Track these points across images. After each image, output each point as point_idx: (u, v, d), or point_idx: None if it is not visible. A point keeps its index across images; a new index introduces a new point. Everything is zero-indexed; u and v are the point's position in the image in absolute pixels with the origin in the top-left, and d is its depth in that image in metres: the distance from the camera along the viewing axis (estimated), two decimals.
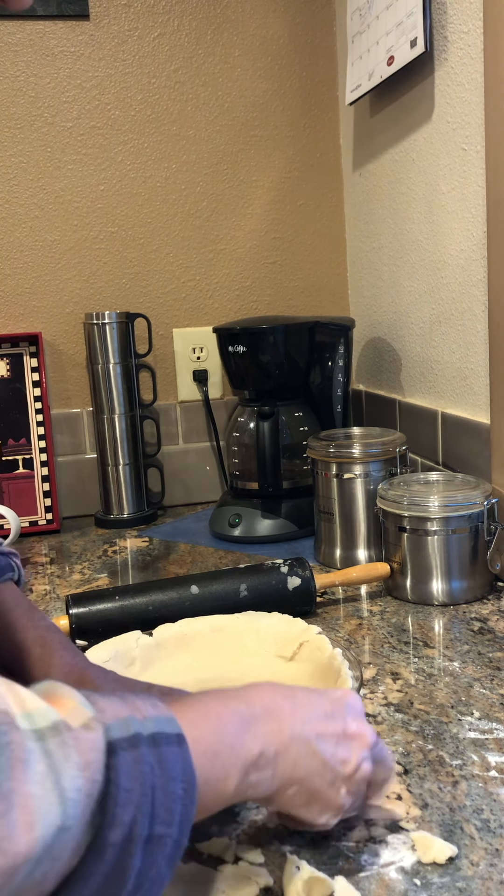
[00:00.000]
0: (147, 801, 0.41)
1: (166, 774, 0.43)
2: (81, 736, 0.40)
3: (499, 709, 0.74)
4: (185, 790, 0.43)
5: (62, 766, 0.38)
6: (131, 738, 0.42)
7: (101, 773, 0.40)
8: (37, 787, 0.37)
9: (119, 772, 0.41)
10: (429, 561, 1.00)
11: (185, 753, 0.44)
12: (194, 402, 1.61)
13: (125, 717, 0.43)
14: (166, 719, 0.45)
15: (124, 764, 0.41)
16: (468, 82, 1.08)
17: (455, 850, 0.55)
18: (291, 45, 1.56)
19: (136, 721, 0.44)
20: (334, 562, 1.18)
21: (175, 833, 0.43)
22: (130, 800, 0.41)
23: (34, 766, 0.37)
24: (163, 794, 0.42)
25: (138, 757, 0.42)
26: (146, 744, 0.43)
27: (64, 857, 0.38)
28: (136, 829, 0.41)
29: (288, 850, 0.57)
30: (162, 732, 0.44)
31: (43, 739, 0.39)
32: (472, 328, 1.14)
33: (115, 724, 0.42)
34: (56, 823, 0.37)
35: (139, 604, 0.95)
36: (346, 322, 1.43)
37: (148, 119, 1.53)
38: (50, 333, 1.54)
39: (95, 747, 0.40)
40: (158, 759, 0.43)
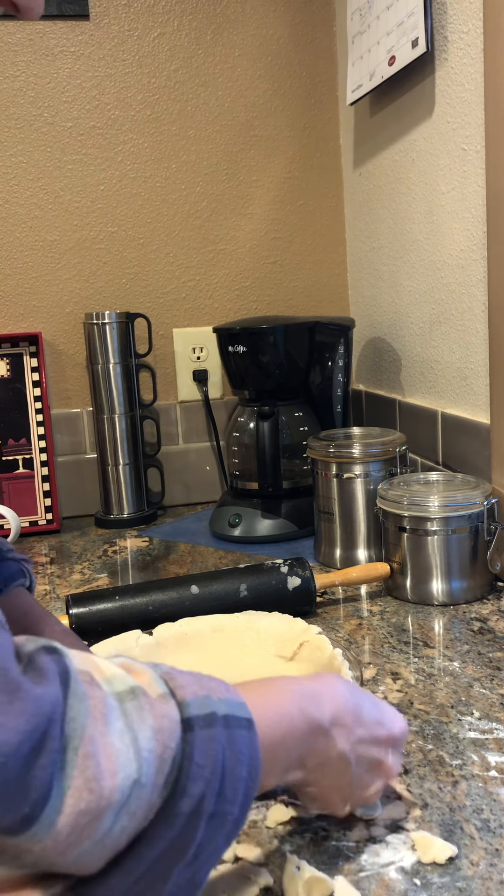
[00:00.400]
0: (216, 779, 0.43)
1: (235, 756, 0.45)
2: (157, 703, 0.43)
3: (499, 709, 0.74)
4: (250, 773, 0.45)
5: (139, 726, 0.41)
6: (207, 716, 0.44)
7: (174, 741, 0.42)
8: (117, 739, 0.40)
9: (194, 747, 0.43)
10: (429, 561, 1.00)
11: (254, 738, 0.46)
12: (194, 402, 1.61)
13: (203, 696, 0.45)
14: (239, 703, 0.47)
15: (199, 740, 0.43)
16: (468, 82, 1.08)
17: (455, 850, 0.55)
18: (291, 45, 1.56)
19: (213, 700, 0.46)
20: (334, 562, 1.18)
21: (236, 812, 0.45)
22: (202, 775, 0.43)
23: (114, 722, 0.40)
24: (231, 774, 0.44)
25: (213, 735, 0.44)
26: (220, 724, 0.45)
27: (139, 814, 0.40)
28: (204, 803, 0.43)
29: (288, 849, 0.57)
30: (234, 715, 0.46)
31: (121, 701, 0.42)
32: (472, 328, 1.14)
33: (193, 700, 0.45)
34: (133, 777, 0.40)
35: (139, 604, 0.95)
36: (346, 322, 1.43)
37: (148, 119, 1.53)
38: (50, 333, 1.54)
39: (168, 716, 0.43)
40: (230, 739, 0.45)
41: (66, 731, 0.38)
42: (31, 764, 0.37)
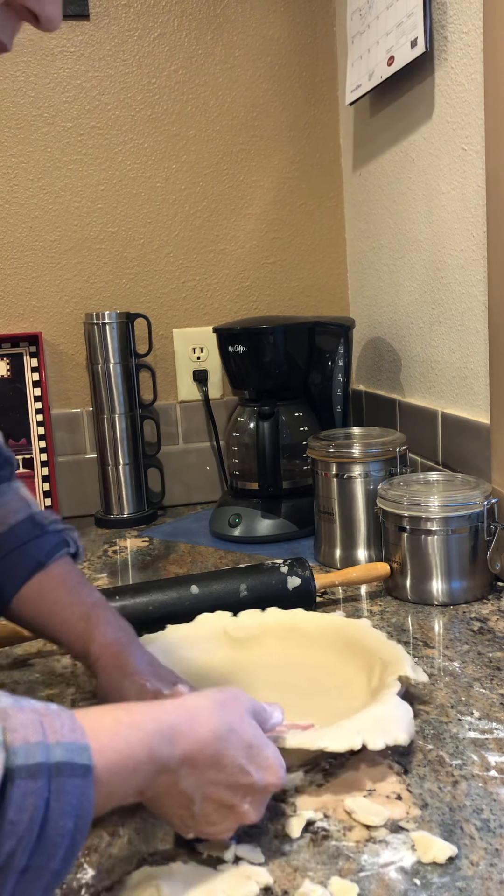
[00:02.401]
0: (32, 836, 0.41)
1: (61, 808, 0.43)
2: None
3: (499, 709, 0.74)
4: (77, 825, 0.43)
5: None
6: (33, 766, 0.42)
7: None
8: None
9: (10, 802, 0.41)
10: (429, 561, 1.00)
11: (87, 788, 0.44)
12: (194, 402, 1.61)
13: (34, 743, 0.43)
14: (80, 748, 0.45)
15: (17, 795, 0.41)
16: (468, 82, 1.08)
17: (455, 849, 0.55)
18: (291, 45, 1.56)
19: (46, 746, 0.43)
20: (334, 562, 1.18)
21: (56, 865, 0.43)
22: (14, 832, 0.41)
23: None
24: (52, 827, 0.42)
25: (35, 789, 0.42)
26: (48, 774, 0.43)
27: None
28: (14, 860, 0.41)
29: (287, 849, 0.57)
30: (70, 762, 0.44)
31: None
32: (472, 328, 1.14)
33: (21, 748, 0.42)
34: None
35: (139, 604, 0.95)
36: (346, 322, 1.43)
37: (148, 119, 1.53)
38: (50, 333, 1.54)
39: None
40: (57, 791, 0.43)
41: None
42: None
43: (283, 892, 0.53)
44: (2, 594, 0.75)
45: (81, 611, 0.73)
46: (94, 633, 0.72)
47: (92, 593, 0.76)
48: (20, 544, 0.75)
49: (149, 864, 0.56)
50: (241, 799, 0.54)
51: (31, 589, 0.75)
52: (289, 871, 0.55)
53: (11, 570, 0.74)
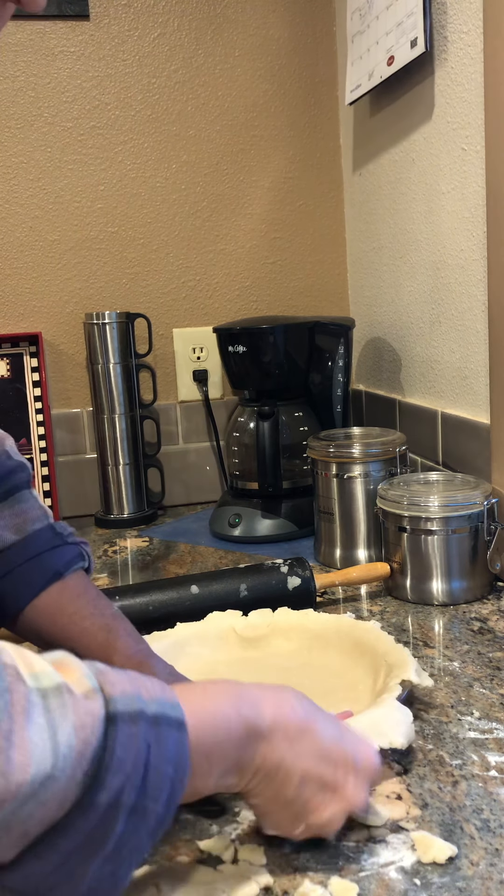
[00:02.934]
0: (138, 774, 0.44)
1: (161, 754, 0.45)
2: (81, 701, 0.43)
3: (499, 709, 0.74)
4: (176, 773, 0.45)
5: (60, 723, 0.41)
6: (133, 713, 0.45)
7: (95, 737, 0.43)
8: (35, 735, 0.40)
9: (116, 741, 0.43)
10: (429, 561, 1.00)
11: (183, 739, 0.46)
12: (194, 402, 1.61)
13: (131, 693, 0.45)
14: (171, 704, 0.47)
15: (122, 735, 0.43)
16: (468, 82, 1.08)
17: (455, 849, 0.55)
18: (291, 45, 1.56)
19: (142, 699, 0.46)
20: (334, 562, 1.18)
21: (160, 809, 0.45)
22: (122, 769, 0.43)
23: (35, 718, 0.41)
24: (154, 771, 0.44)
25: (136, 732, 0.44)
26: (147, 722, 0.45)
27: (50, 804, 0.41)
28: (123, 796, 0.43)
29: (287, 849, 0.57)
30: (165, 715, 0.46)
31: (45, 697, 0.42)
32: (472, 328, 1.14)
33: (120, 697, 0.45)
34: (46, 772, 0.40)
35: (139, 604, 0.95)
36: (346, 322, 1.43)
37: (148, 119, 1.53)
38: (50, 333, 1.54)
39: (92, 713, 0.43)
40: (157, 738, 0.45)
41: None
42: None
43: (283, 892, 0.53)
44: (15, 602, 0.74)
45: (102, 622, 0.73)
46: (116, 644, 0.72)
47: (110, 605, 0.76)
48: (38, 553, 0.75)
49: (149, 863, 0.56)
50: (343, 776, 0.54)
51: (48, 598, 0.74)
52: (289, 871, 0.55)
53: (28, 579, 0.74)
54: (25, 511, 0.76)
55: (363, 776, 0.55)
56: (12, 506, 0.76)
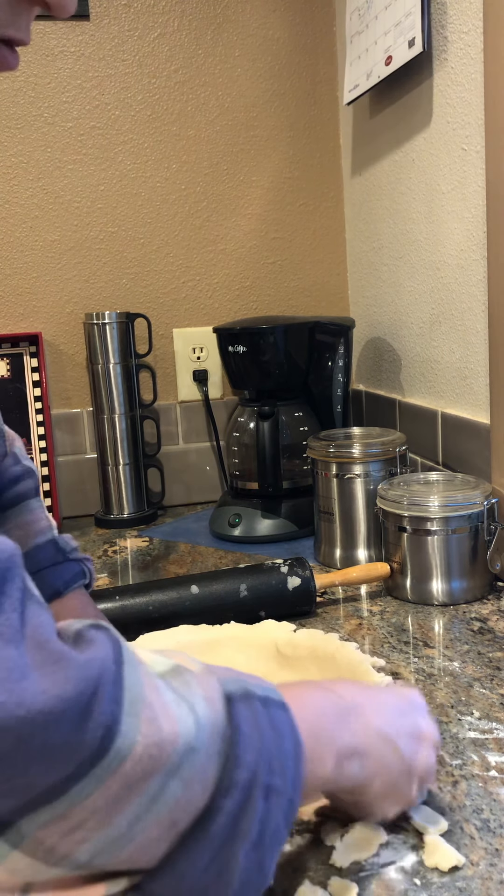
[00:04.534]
0: (265, 752, 0.43)
1: (278, 732, 0.44)
2: (202, 676, 0.44)
3: (499, 709, 0.74)
4: (295, 750, 0.45)
5: (191, 696, 0.42)
6: (245, 693, 0.45)
7: (223, 712, 0.42)
8: (173, 706, 0.40)
9: (239, 717, 0.43)
10: (429, 561, 1.00)
11: (292, 720, 0.46)
12: (194, 402, 1.61)
13: (235, 677, 0.46)
14: (271, 688, 0.47)
15: (243, 712, 0.43)
16: (468, 82, 1.08)
17: (462, 859, 0.54)
18: (291, 45, 1.56)
19: (247, 682, 0.46)
20: (334, 562, 1.18)
21: (290, 790, 0.44)
22: (252, 745, 0.42)
23: (166, 693, 0.41)
24: (276, 749, 0.44)
25: (254, 709, 0.44)
26: (258, 701, 0.45)
27: (193, 785, 0.40)
28: (259, 774, 0.42)
29: (287, 849, 0.57)
30: (270, 697, 0.46)
31: (165, 679, 0.42)
32: (472, 328, 1.14)
33: (228, 679, 0.45)
34: (189, 743, 0.40)
35: (139, 604, 0.95)
36: (346, 322, 1.43)
37: (148, 119, 1.53)
38: (50, 333, 1.54)
39: (214, 687, 0.43)
40: (269, 717, 0.45)
41: (125, 697, 0.39)
42: (76, 730, 0.37)
43: (282, 892, 0.53)
44: None
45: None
46: None
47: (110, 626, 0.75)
48: (38, 570, 0.73)
49: None
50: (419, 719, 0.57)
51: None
52: (289, 872, 0.55)
53: None
54: (30, 523, 0.75)
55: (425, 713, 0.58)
56: (17, 516, 0.75)
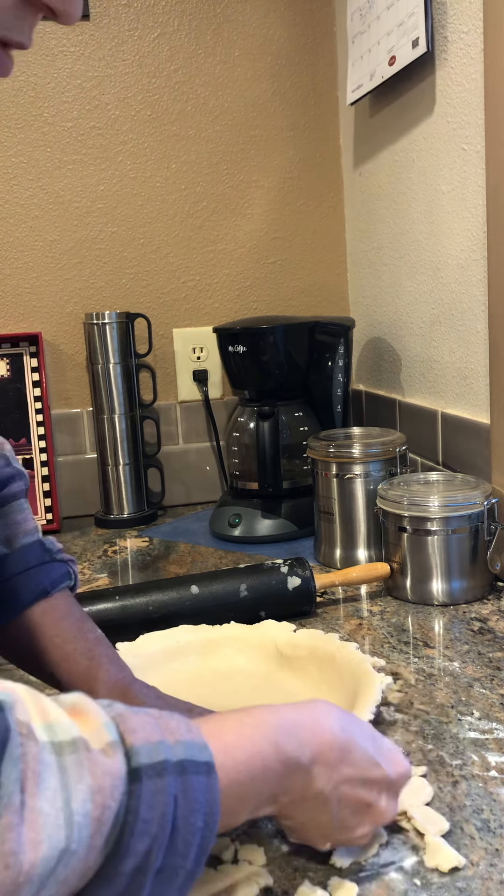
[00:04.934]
0: (165, 834, 0.41)
1: (189, 805, 0.42)
2: (99, 759, 0.39)
3: (499, 709, 0.74)
4: (206, 823, 0.42)
5: (74, 785, 0.38)
6: (158, 764, 0.41)
7: (115, 799, 0.39)
8: (47, 803, 0.37)
9: (140, 800, 0.40)
10: (429, 561, 1.00)
11: (213, 784, 0.43)
12: (194, 402, 1.61)
13: (156, 742, 0.42)
14: (199, 746, 0.44)
15: (146, 793, 0.40)
16: (468, 82, 1.08)
17: (462, 860, 0.54)
18: (291, 45, 1.56)
19: (167, 746, 0.43)
20: (334, 562, 1.18)
21: (190, 865, 0.42)
22: (147, 831, 0.40)
23: (47, 780, 0.37)
24: (183, 825, 0.41)
25: (162, 787, 0.41)
26: (173, 772, 0.42)
27: (70, 880, 0.38)
28: (150, 859, 0.40)
29: (287, 849, 0.57)
30: (192, 760, 0.43)
31: (60, 754, 0.38)
32: (472, 328, 1.14)
33: (143, 747, 0.42)
34: (61, 846, 0.37)
35: (139, 604, 0.95)
36: (346, 322, 1.43)
37: (148, 119, 1.53)
38: (50, 333, 1.54)
39: (111, 773, 0.40)
40: (184, 788, 0.42)
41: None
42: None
43: (283, 892, 0.53)
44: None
45: (84, 647, 0.71)
46: (98, 672, 0.69)
47: (94, 629, 0.74)
48: (27, 568, 0.73)
49: None
50: (377, 795, 0.53)
51: (32, 617, 0.71)
52: (289, 872, 0.55)
53: (14, 594, 0.71)
54: (18, 523, 0.74)
55: (395, 790, 0.55)
56: (6, 516, 0.74)
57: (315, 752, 0.50)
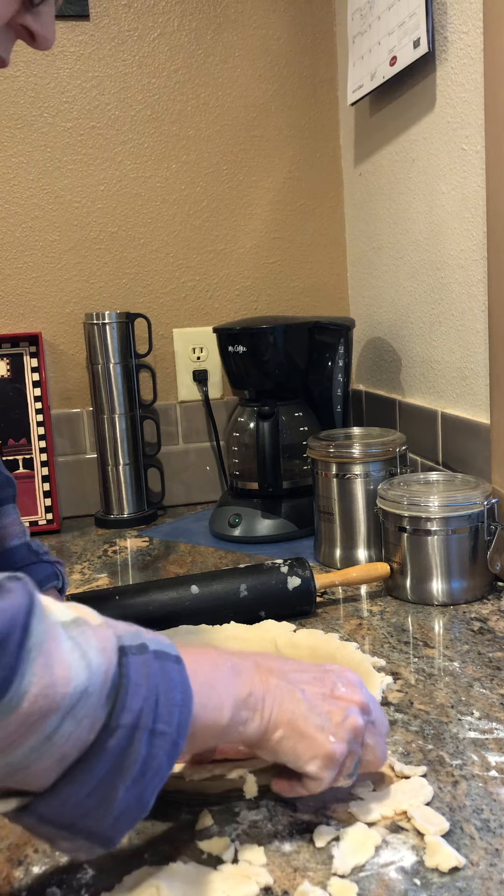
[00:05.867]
0: (151, 699, 0.47)
1: (167, 682, 0.49)
2: (98, 629, 0.48)
3: (499, 709, 0.74)
4: (183, 699, 0.49)
5: (86, 646, 0.46)
6: (139, 646, 0.49)
7: (115, 663, 0.47)
8: (68, 654, 0.45)
9: (129, 667, 0.47)
10: (429, 561, 1.00)
11: (183, 672, 0.50)
12: (194, 402, 1.61)
13: (134, 632, 0.50)
14: (168, 644, 0.52)
15: (134, 663, 0.48)
16: (468, 82, 1.08)
17: (462, 860, 0.54)
18: (292, 45, 1.56)
19: (144, 637, 0.51)
20: (334, 562, 1.18)
21: (174, 733, 0.48)
22: (138, 692, 0.47)
23: (65, 643, 0.45)
24: (164, 697, 0.48)
25: (146, 661, 0.49)
26: (151, 653, 0.49)
27: (84, 722, 0.44)
28: (143, 718, 0.47)
29: (287, 849, 0.57)
30: (164, 651, 0.51)
31: (67, 628, 0.46)
32: (472, 328, 1.14)
33: (125, 634, 0.50)
34: (82, 687, 0.44)
35: (139, 604, 0.95)
36: (346, 322, 1.43)
37: (148, 119, 1.53)
38: (50, 333, 1.54)
39: (109, 639, 0.48)
40: (161, 668, 0.49)
41: (28, 644, 0.43)
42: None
43: (283, 892, 0.53)
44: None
45: None
46: None
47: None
48: (15, 569, 0.76)
49: (149, 864, 0.56)
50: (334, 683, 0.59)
51: None
52: (289, 871, 0.55)
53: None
54: (6, 526, 0.78)
55: (349, 684, 0.60)
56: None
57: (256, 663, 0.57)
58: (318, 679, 0.59)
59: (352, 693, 0.59)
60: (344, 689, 0.59)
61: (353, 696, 0.58)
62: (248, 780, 0.59)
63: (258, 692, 0.54)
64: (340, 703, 0.58)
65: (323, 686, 0.58)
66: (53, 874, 0.56)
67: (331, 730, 0.56)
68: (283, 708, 0.55)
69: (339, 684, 0.59)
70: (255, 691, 0.54)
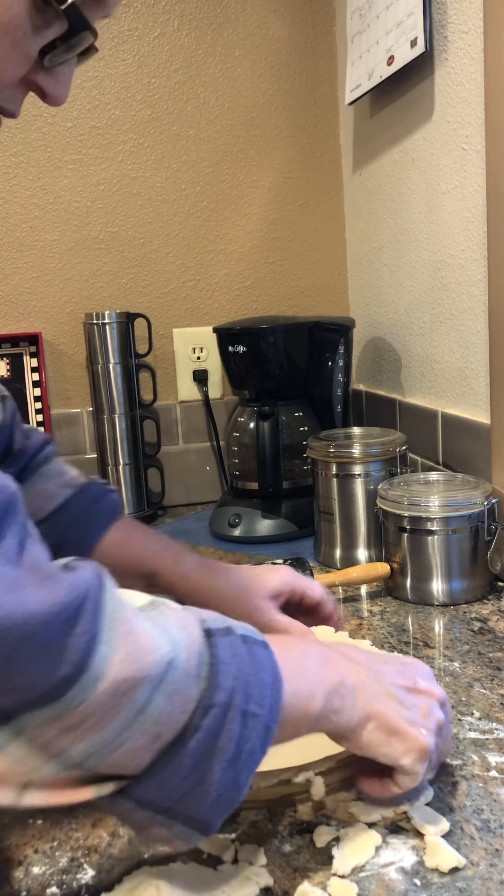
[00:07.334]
0: (242, 680, 0.47)
1: (256, 664, 0.48)
2: (177, 611, 0.48)
3: (499, 709, 0.74)
4: (273, 682, 0.48)
5: (164, 623, 0.46)
6: (225, 629, 0.49)
7: (196, 640, 0.46)
8: (149, 629, 0.45)
9: (217, 648, 0.47)
10: (429, 561, 1.00)
11: (272, 656, 0.50)
12: (194, 402, 1.61)
13: (218, 617, 0.50)
14: (254, 630, 0.51)
15: (221, 643, 0.47)
16: (468, 82, 1.08)
17: (463, 861, 0.54)
18: (291, 44, 1.56)
19: (230, 622, 0.50)
20: (334, 562, 1.18)
21: (266, 714, 0.47)
22: (228, 671, 0.46)
23: (143, 622, 0.45)
24: (255, 679, 0.47)
25: (233, 642, 0.48)
26: (238, 637, 0.49)
27: (175, 698, 0.44)
28: (236, 698, 0.46)
29: (287, 849, 0.57)
30: (251, 636, 0.50)
31: (142, 611, 0.46)
32: (472, 328, 1.14)
33: (210, 619, 0.49)
34: (168, 657, 0.44)
35: None
36: (346, 322, 1.43)
37: (148, 119, 1.53)
38: (50, 333, 1.54)
39: (189, 619, 0.47)
40: (249, 651, 0.48)
41: (106, 612, 0.43)
42: (66, 632, 0.41)
43: (283, 892, 0.53)
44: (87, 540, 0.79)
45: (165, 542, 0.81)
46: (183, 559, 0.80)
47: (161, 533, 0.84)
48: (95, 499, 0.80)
49: (149, 864, 0.56)
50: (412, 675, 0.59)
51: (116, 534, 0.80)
52: (289, 872, 0.55)
53: (94, 520, 0.80)
54: (67, 471, 0.83)
55: (427, 676, 0.61)
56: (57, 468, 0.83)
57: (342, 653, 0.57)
58: (399, 672, 0.59)
59: (431, 686, 0.60)
60: (424, 683, 0.59)
61: (433, 689, 0.59)
62: (315, 783, 0.59)
63: (349, 682, 0.54)
64: (423, 696, 0.58)
65: (405, 679, 0.59)
66: (53, 874, 0.56)
67: (421, 723, 0.56)
68: (375, 700, 0.55)
69: (418, 678, 0.59)
70: (346, 681, 0.54)
